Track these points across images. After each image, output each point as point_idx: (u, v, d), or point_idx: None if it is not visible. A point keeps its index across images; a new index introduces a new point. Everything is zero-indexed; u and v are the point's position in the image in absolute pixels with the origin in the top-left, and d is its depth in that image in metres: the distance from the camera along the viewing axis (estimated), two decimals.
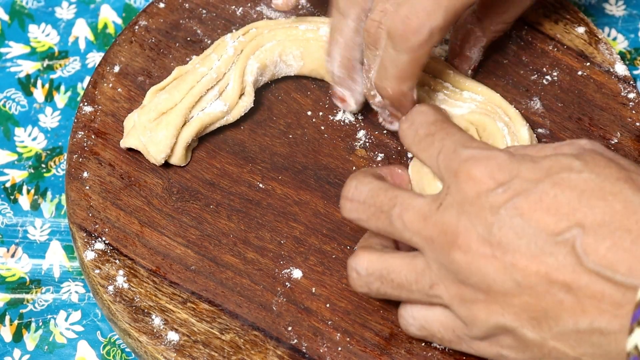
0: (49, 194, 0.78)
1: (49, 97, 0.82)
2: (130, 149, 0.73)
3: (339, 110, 0.76)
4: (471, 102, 0.73)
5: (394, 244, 0.65)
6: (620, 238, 0.55)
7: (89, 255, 0.70)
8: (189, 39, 0.79)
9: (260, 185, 0.73)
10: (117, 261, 0.70)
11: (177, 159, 0.72)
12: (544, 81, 0.78)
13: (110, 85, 0.77)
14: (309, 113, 0.76)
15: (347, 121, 0.76)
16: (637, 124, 0.76)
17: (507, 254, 0.57)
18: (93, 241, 0.70)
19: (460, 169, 0.59)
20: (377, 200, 0.62)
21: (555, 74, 0.78)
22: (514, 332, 0.58)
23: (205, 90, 0.72)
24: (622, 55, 0.85)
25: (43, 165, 0.79)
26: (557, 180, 0.57)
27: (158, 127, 0.71)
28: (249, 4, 0.81)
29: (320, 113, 0.76)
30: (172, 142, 0.71)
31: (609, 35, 0.86)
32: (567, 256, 0.56)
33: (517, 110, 0.72)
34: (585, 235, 0.55)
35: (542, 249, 0.56)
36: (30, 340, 0.72)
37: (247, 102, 0.74)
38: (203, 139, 0.75)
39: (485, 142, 0.62)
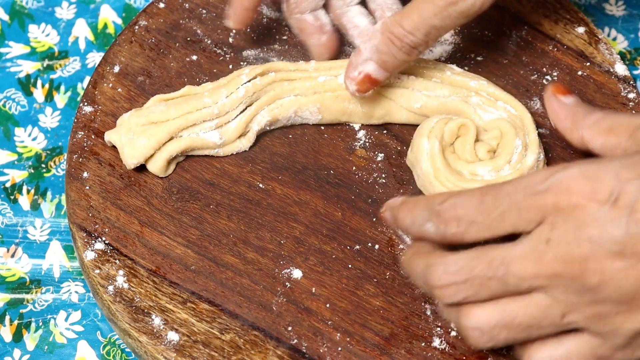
0: (49, 194, 0.78)
1: (49, 97, 0.82)
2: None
3: None
4: (504, 111, 0.73)
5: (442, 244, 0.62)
6: None
7: (89, 255, 0.70)
8: (189, 39, 0.79)
9: (260, 185, 0.73)
10: (117, 261, 0.70)
11: (156, 168, 0.72)
12: (544, 81, 0.78)
13: (110, 85, 0.77)
14: None
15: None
16: None
17: None
18: (93, 241, 0.70)
19: (557, 201, 0.56)
20: (478, 272, 0.58)
21: (555, 74, 0.78)
22: None
23: (201, 120, 0.72)
24: (622, 56, 0.85)
25: (43, 165, 0.79)
26: None
27: (142, 134, 0.71)
28: None
29: None
30: (149, 153, 0.71)
31: (609, 35, 0.86)
32: None
33: (538, 138, 0.71)
34: None
35: None
36: (30, 340, 0.72)
37: (245, 145, 0.73)
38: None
39: (541, 169, 0.59)
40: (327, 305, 0.68)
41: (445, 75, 0.74)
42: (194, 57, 0.79)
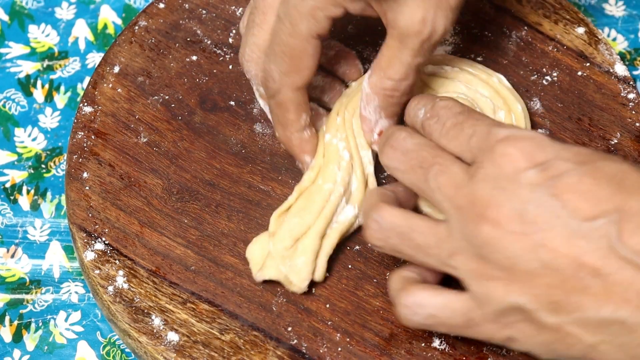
0: (48, 195, 0.78)
1: (49, 98, 0.82)
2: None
3: None
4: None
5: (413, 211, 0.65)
6: None
7: (89, 255, 0.70)
8: (189, 39, 0.79)
9: (260, 185, 0.73)
10: (117, 261, 0.70)
11: (321, 275, 0.68)
12: (544, 81, 0.78)
13: (110, 85, 0.77)
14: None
15: None
16: (637, 124, 0.76)
17: (539, 233, 0.56)
18: (93, 241, 0.70)
19: (497, 147, 0.59)
20: (420, 154, 0.62)
21: (555, 74, 0.78)
22: (530, 314, 0.58)
23: (336, 208, 0.69)
24: (622, 56, 0.85)
25: (43, 166, 0.79)
26: (598, 166, 0.57)
27: (295, 254, 0.67)
28: None
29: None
30: (312, 268, 0.67)
31: (608, 35, 0.86)
32: (600, 240, 0.55)
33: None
34: (622, 221, 0.55)
35: (576, 231, 0.56)
36: (30, 340, 0.72)
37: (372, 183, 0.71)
38: (203, 140, 0.75)
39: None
40: (327, 306, 0.68)
41: (491, 80, 0.74)
42: (194, 58, 0.79)
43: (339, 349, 0.67)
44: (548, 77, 0.78)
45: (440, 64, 0.74)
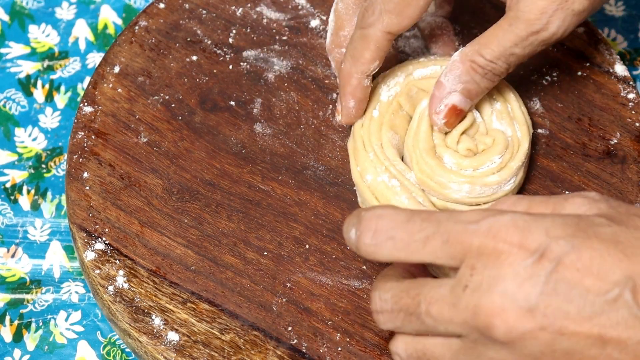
0: (49, 194, 0.78)
1: (49, 98, 0.82)
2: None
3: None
4: (511, 129, 0.72)
5: (416, 270, 0.61)
6: None
7: (89, 255, 0.70)
8: (189, 39, 0.80)
9: (260, 185, 0.73)
10: (117, 261, 0.70)
11: None
12: (544, 81, 0.78)
13: (111, 85, 0.77)
14: (309, 113, 0.76)
15: None
16: (637, 124, 0.76)
17: (555, 323, 0.53)
18: (93, 241, 0.70)
19: (484, 245, 0.54)
20: (402, 304, 0.57)
21: (555, 74, 0.78)
22: None
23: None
24: (622, 56, 0.85)
25: (43, 166, 0.79)
26: (590, 235, 0.54)
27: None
28: (249, 4, 0.81)
29: (320, 113, 0.76)
30: None
31: (608, 35, 0.86)
32: (620, 311, 0.52)
33: (516, 170, 0.71)
34: (636, 287, 0.53)
35: (592, 309, 0.53)
36: (31, 340, 0.72)
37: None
38: (203, 140, 0.75)
39: (477, 209, 0.58)
40: (327, 305, 0.68)
41: None
42: (194, 58, 0.79)
43: (339, 348, 0.67)
44: (548, 77, 0.78)
45: (429, 66, 0.74)
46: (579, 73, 0.78)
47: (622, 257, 0.53)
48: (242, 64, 0.79)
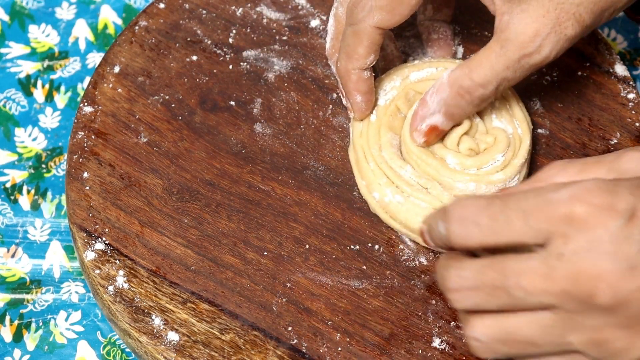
0: (49, 194, 0.78)
1: (49, 98, 0.82)
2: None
3: (338, 111, 0.76)
4: (511, 127, 0.72)
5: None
6: None
7: (89, 255, 0.70)
8: (189, 39, 0.80)
9: (260, 185, 0.73)
10: (117, 261, 0.70)
11: None
12: (544, 82, 0.78)
13: (111, 85, 0.77)
14: (309, 113, 0.76)
15: (346, 121, 0.76)
16: (637, 124, 0.76)
17: None
18: (93, 241, 0.70)
19: (572, 212, 0.54)
20: (487, 279, 0.56)
21: (555, 74, 0.78)
22: None
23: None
24: (622, 56, 0.85)
25: (43, 166, 0.79)
26: None
27: None
28: (249, 4, 0.81)
29: (320, 113, 0.76)
30: None
31: (608, 35, 0.86)
32: None
33: (520, 166, 0.71)
34: None
35: None
36: (31, 340, 0.72)
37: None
38: (203, 140, 0.75)
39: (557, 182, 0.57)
40: (327, 305, 0.68)
41: None
42: (194, 58, 0.79)
43: (339, 349, 0.67)
44: (548, 77, 0.78)
45: (425, 69, 0.74)
46: (579, 73, 0.78)
47: None
48: (242, 64, 0.79)
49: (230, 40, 0.80)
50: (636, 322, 0.54)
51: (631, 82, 0.78)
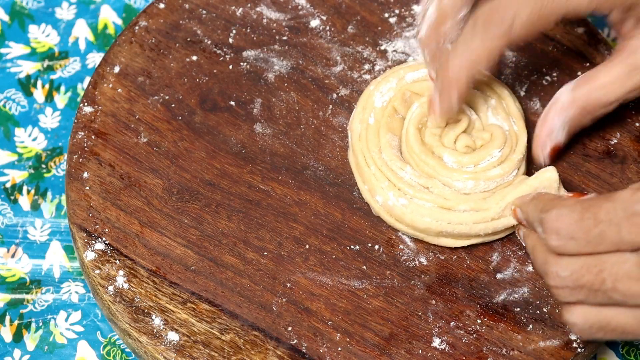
0: (49, 195, 0.78)
1: (49, 98, 0.82)
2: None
3: (338, 111, 0.76)
4: (508, 124, 0.73)
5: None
6: None
7: (89, 255, 0.70)
8: (189, 39, 0.80)
9: (260, 185, 0.73)
10: (117, 261, 0.70)
11: None
12: (544, 82, 0.78)
13: (111, 85, 0.77)
14: (309, 113, 0.76)
15: (346, 121, 0.76)
16: (637, 124, 0.76)
17: None
18: (93, 241, 0.70)
19: None
20: (585, 282, 0.59)
21: (555, 74, 0.78)
22: None
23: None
24: None
25: (43, 166, 0.79)
26: None
27: None
28: (249, 5, 0.81)
29: (320, 113, 0.76)
30: None
31: (608, 35, 0.86)
32: None
33: (518, 162, 0.71)
34: None
35: None
36: (31, 340, 0.72)
37: None
38: (203, 140, 0.75)
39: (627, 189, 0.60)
40: (327, 305, 0.68)
41: None
42: (194, 58, 0.79)
43: (339, 349, 0.67)
44: (548, 77, 0.78)
45: (420, 69, 0.74)
46: (579, 73, 0.78)
47: None
48: (242, 64, 0.79)
49: (230, 40, 0.80)
50: None
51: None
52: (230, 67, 0.78)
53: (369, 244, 0.71)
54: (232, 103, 0.77)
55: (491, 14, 0.67)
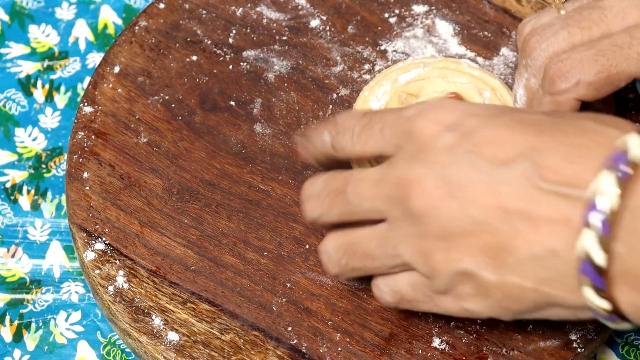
0: (49, 195, 0.78)
1: (49, 98, 0.82)
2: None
3: (339, 111, 0.76)
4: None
5: None
6: (569, 154, 0.54)
7: (89, 255, 0.70)
8: (189, 39, 0.80)
9: (260, 185, 0.73)
10: (117, 261, 0.70)
11: None
12: None
13: (111, 85, 0.77)
14: (309, 113, 0.76)
15: None
16: (637, 124, 0.76)
17: (464, 191, 0.56)
18: (93, 241, 0.70)
19: (409, 125, 0.58)
20: (331, 186, 0.61)
21: None
22: (474, 277, 0.57)
23: None
24: None
25: (43, 166, 0.79)
26: (514, 117, 0.57)
27: None
28: (249, 4, 0.81)
29: (320, 113, 0.76)
30: None
31: None
32: (520, 182, 0.55)
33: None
34: (540, 158, 0.54)
35: (496, 179, 0.55)
36: (31, 340, 0.72)
37: None
38: (203, 140, 0.75)
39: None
40: (327, 305, 0.68)
41: (461, 66, 0.74)
42: (194, 58, 0.79)
43: (339, 349, 0.67)
44: None
45: (412, 70, 0.74)
46: None
47: (533, 135, 0.56)
48: (242, 64, 0.79)
49: (230, 40, 0.80)
50: (451, 234, 0.56)
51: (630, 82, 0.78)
52: (230, 67, 0.78)
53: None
54: (232, 103, 0.77)
55: (556, 70, 0.67)
